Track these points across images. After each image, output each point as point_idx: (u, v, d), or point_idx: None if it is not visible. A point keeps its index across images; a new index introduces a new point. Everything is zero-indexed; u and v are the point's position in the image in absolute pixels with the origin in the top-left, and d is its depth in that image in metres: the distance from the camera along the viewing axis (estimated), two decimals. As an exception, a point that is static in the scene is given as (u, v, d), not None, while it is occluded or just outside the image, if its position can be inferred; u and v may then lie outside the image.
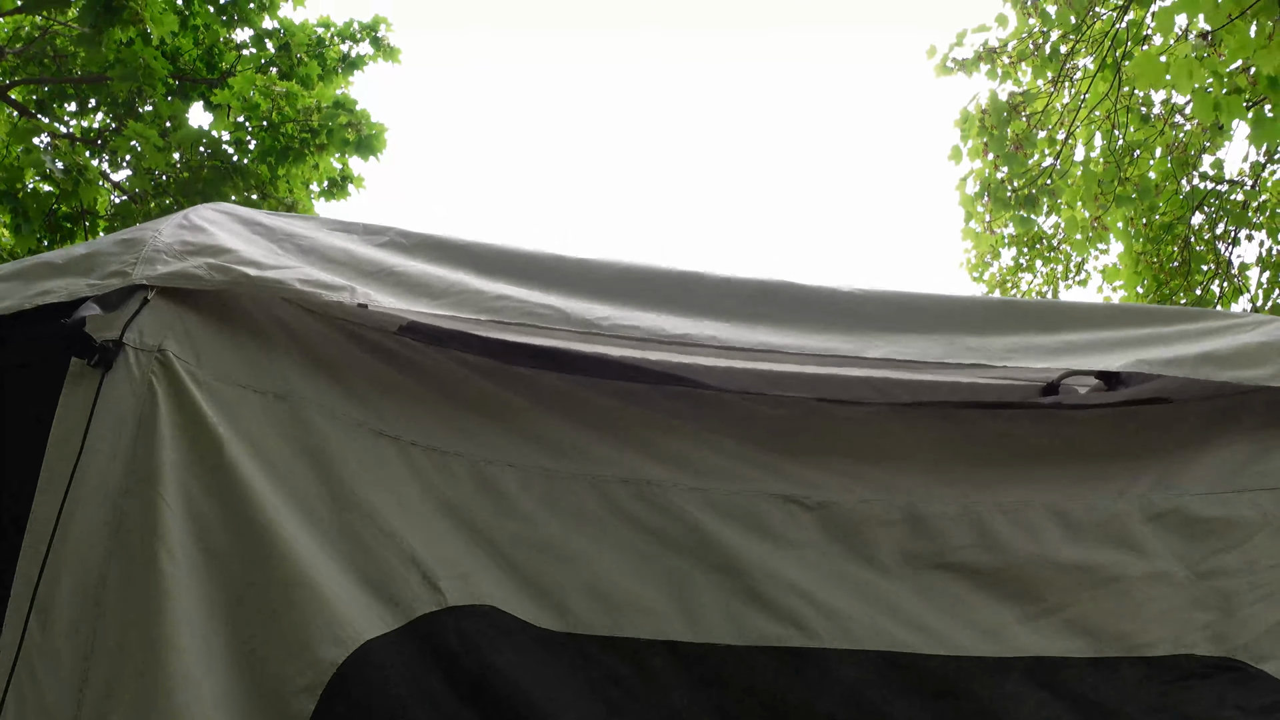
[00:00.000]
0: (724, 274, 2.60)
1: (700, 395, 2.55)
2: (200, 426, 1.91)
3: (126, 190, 10.37)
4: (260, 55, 12.26)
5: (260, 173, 10.14)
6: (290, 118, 10.19)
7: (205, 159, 10.06)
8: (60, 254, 2.22)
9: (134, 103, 11.81)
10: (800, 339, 2.41)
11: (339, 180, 11.01)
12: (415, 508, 2.00)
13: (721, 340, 2.31)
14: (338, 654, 1.72)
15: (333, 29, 12.46)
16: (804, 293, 2.56)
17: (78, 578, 1.75)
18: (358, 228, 2.60)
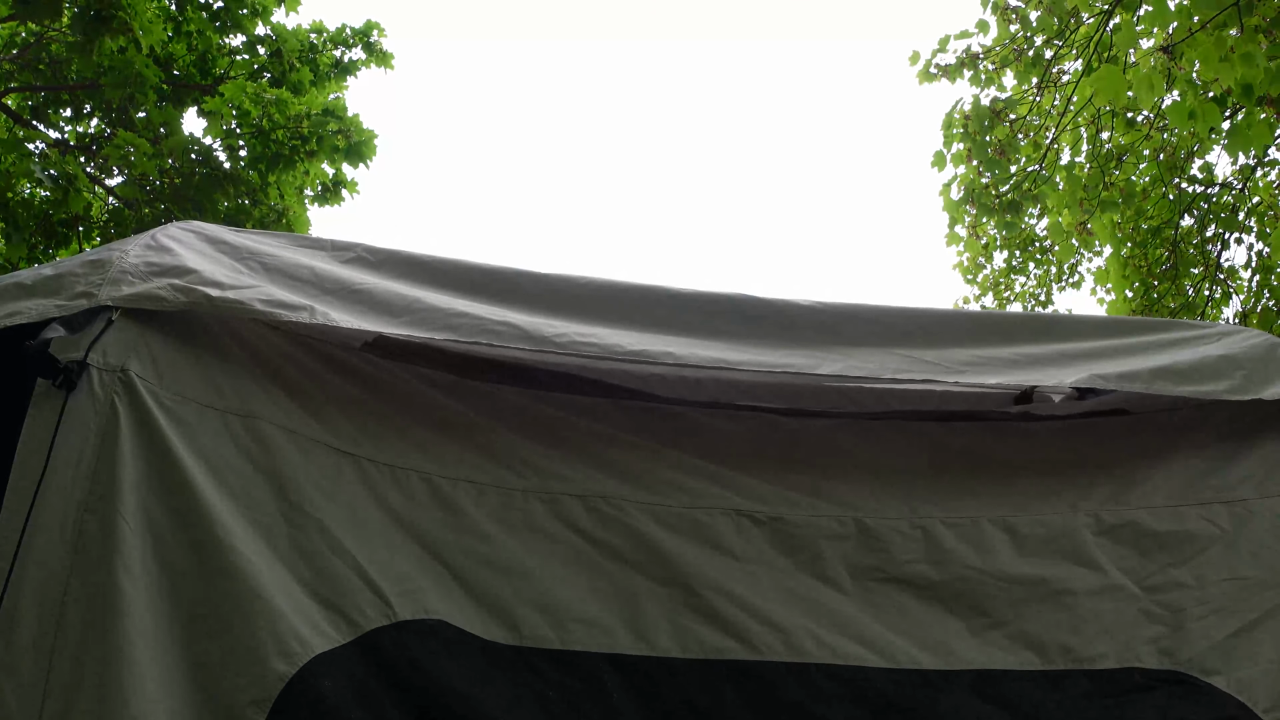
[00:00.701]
0: (681, 288, 2.64)
1: (658, 409, 2.59)
2: (160, 445, 1.96)
3: (120, 197, 10.42)
4: (253, 61, 12.30)
5: (251, 180, 10.18)
6: (280, 124, 10.22)
7: (197, 166, 10.10)
8: (29, 274, 2.26)
9: (127, 110, 11.85)
10: (756, 354, 2.45)
11: (332, 186, 11.07)
12: (369, 523, 2.05)
13: (677, 357, 2.35)
14: (287, 668, 1.78)
15: (325, 34, 12.50)
16: (761, 306, 2.60)
17: (40, 593, 1.80)
18: (326, 244, 2.65)
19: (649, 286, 2.62)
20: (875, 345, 2.59)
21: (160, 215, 10.10)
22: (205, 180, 9.84)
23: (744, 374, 2.61)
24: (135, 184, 9.31)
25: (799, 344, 2.54)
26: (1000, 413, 2.93)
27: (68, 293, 2.16)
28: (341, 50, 12.48)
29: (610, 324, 2.45)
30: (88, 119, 13.23)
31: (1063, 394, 2.98)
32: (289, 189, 10.75)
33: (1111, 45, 7.90)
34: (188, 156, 10.18)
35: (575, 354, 2.32)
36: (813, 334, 2.57)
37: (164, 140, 10.13)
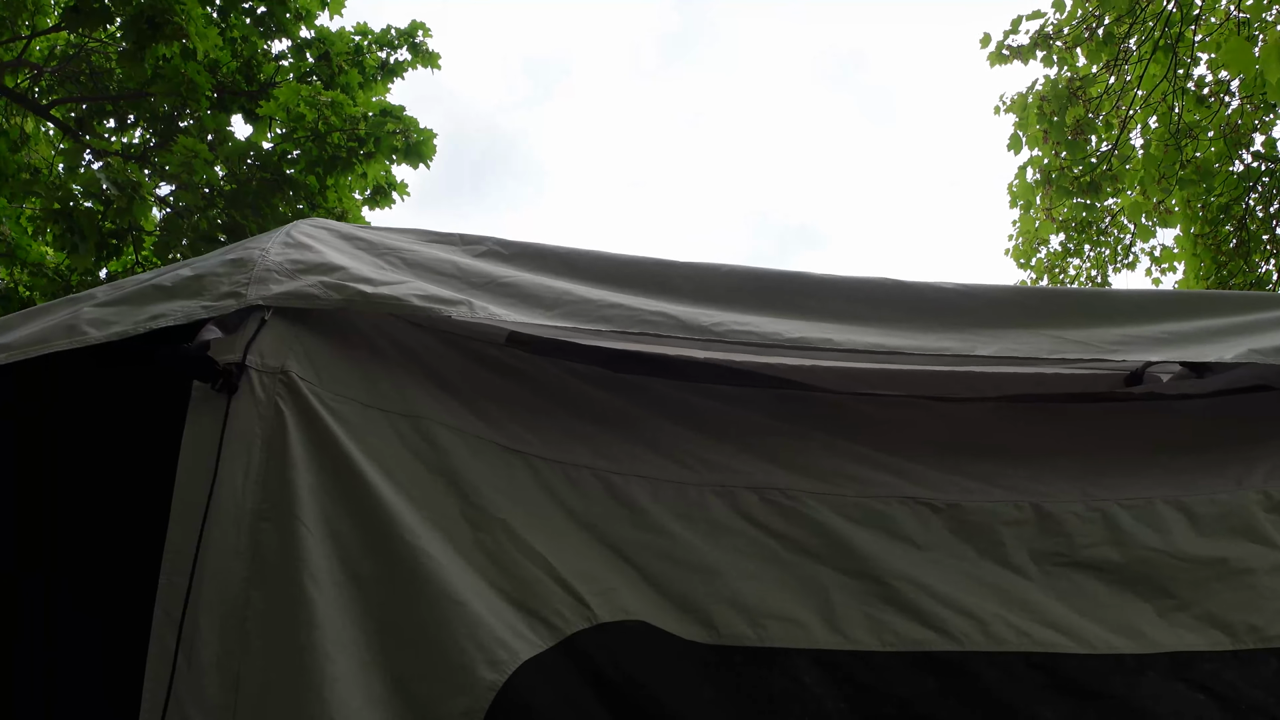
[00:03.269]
0: (828, 274, 2.54)
1: (813, 398, 2.49)
2: (332, 448, 1.86)
3: (171, 205, 10.40)
4: (300, 65, 12.26)
5: (309, 183, 10.12)
6: (337, 127, 10.16)
7: (254, 171, 10.05)
8: (168, 276, 2.18)
9: (174, 118, 11.84)
10: (913, 339, 2.36)
11: (384, 188, 11.00)
12: (551, 524, 1.96)
13: (837, 343, 2.26)
14: (496, 677, 1.68)
15: (370, 36, 12.45)
16: (907, 291, 2.51)
17: (219, 609, 1.71)
18: (455, 238, 2.56)
19: (795, 274, 2.52)
20: (1021, 326, 2.50)
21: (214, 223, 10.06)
22: (263, 185, 9.79)
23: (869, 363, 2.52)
24: (195, 191, 9.26)
25: (948, 327, 2.44)
26: (1124, 394, 2.84)
27: (212, 293, 2.07)
28: (387, 51, 12.43)
29: (760, 312, 2.35)
30: (132, 129, 13.26)
31: (1171, 374, 2.90)
32: (346, 192, 10.68)
33: (1180, 21, 7.74)
34: (243, 162, 10.14)
35: (736, 343, 2.21)
36: (959, 317, 2.47)
37: (219, 147, 10.10)
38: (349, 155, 10.14)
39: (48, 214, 8.87)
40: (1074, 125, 8.80)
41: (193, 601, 1.70)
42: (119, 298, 2.15)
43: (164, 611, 1.71)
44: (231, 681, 1.67)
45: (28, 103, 12.45)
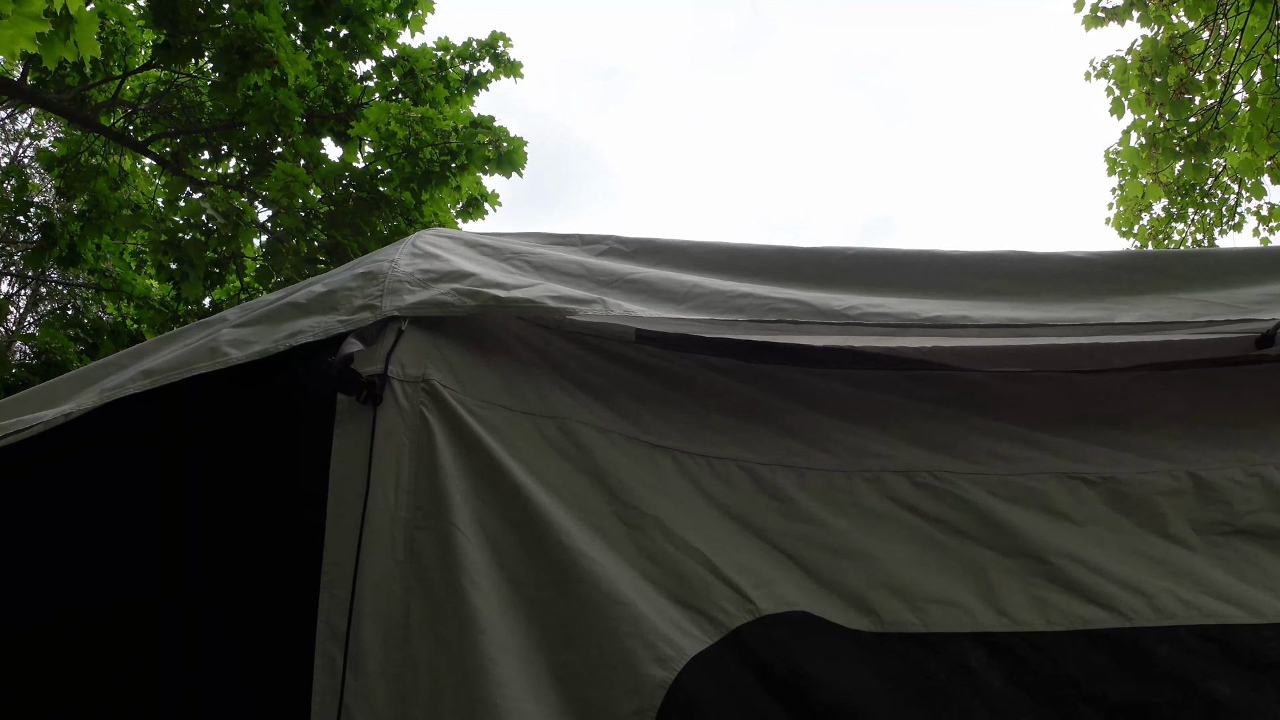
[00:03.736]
0: (954, 251, 2.49)
1: (951, 378, 2.44)
2: (481, 453, 1.86)
3: (270, 230, 10.59)
4: (385, 84, 12.42)
5: (405, 200, 10.24)
6: (428, 142, 10.26)
7: (349, 192, 10.19)
8: (301, 293, 2.20)
9: (266, 145, 12.06)
10: (1050, 311, 2.30)
11: (476, 199, 11.08)
12: (703, 518, 1.93)
13: (973, 319, 2.21)
14: (664, 674, 1.65)
15: (452, 50, 12.56)
16: (1043, 262, 2.45)
17: (381, 618, 1.72)
18: (574, 239, 2.56)
19: (922, 251, 2.47)
20: (1159, 291, 2.42)
21: (313, 245, 10.23)
22: (359, 204, 9.92)
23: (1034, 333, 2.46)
24: (294, 214, 9.43)
25: (1084, 296, 2.37)
26: (1259, 356, 2.74)
27: (347, 307, 2.08)
28: (469, 64, 12.52)
29: (891, 293, 2.30)
30: (226, 160, 13.54)
31: None
32: (441, 205, 10.79)
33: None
34: (339, 183, 10.29)
35: (871, 324, 2.17)
36: (1095, 285, 2.41)
37: (315, 170, 10.26)
38: (442, 169, 10.23)
39: (156, 246, 9.09)
40: (1177, 85, 8.55)
41: (355, 612, 1.70)
42: (255, 318, 2.18)
43: (327, 624, 1.72)
44: (398, 689, 1.68)
45: (127, 140, 12.77)
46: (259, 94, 10.14)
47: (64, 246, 12.61)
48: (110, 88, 13.14)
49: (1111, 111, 9.18)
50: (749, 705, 1.70)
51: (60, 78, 12.66)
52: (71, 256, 12.78)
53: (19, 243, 22.56)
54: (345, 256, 9.31)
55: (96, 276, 14.43)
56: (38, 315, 25.10)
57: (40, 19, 4.37)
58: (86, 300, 17.13)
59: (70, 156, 13.46)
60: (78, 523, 2.67)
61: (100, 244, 13.18)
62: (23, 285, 23.95)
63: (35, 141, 24.96)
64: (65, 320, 13.53)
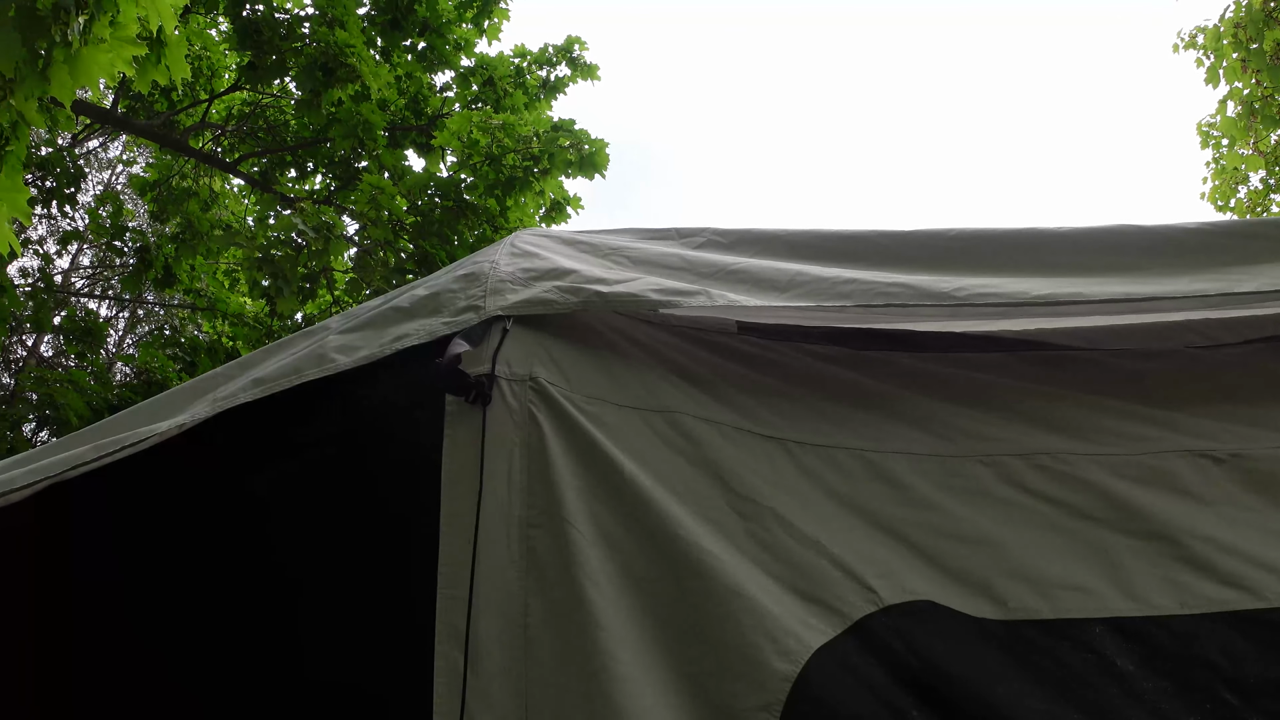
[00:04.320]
0: (1062, 226, 2.43)
1: (1063, 358, 2.37)
2: (593, 450, 1.85)
3: (358, 243, 10.72)
4: (465, 94, 12.53)
5: (489, 207, 10.31)
6: (510, 148, 10.32)
7: (434, 201, 10.29)
8: (404, 298, 2.21)
9: (350, 160, 12.23)
10: (1166, 284, 2.22)
11: (559, 203, 11.13)
12: (819, 508, 1.89)
13: (1087, 296, 2.14)
14: (789, 668, 1.62)
15: (529, 57, 12.64)
16: (1154, 235, 2.37)
17: (499, 618, 1.71)
18: (671, 232, 2.54)
19: (1028, 229, 2.41)
20: (1275, 260, 2.32)
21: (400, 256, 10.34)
22: (445, 214, 10.01)
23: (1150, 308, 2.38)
24: (384, 226, 9.55)
25: (1200, 268, 2.29)
26: None
27: (450, 309, 2.08)
28: (546, 69, 12.59)
29: (998, 273, 2.24)
30: (312, 176, 13.77)
31: None
32: (525, 211, 10.85)
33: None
34: (424, 193, 10.40)
35: (981, 305, 2.11)
36: (1210, 256, 2.32)
37: (400, 181, 10.38)
38: (525, 174, 10.29)
39: (251, 263, 9.26)
40: (1274, 49, 8.27)
41: (474, 612, 1.70)
42: (360, 324, 2.19)
43: (446, 625, 1.72)
44: (518, 688, 1.66)
45: (216, 162, 13.04)
46: (342, 109, 10.28)
47: (159, 268, 12.91)
48: (198, 111, 13.42)
49: (1206, 81, 8.92)
50: (877, 696, 1.66)
51: (149, 104, 12.97)
52: (167, 278, 13.08)
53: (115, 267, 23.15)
54: (433, 266, 9.40)
55: (191, 296, 14.76)
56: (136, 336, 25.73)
57: (136, 42, 4.46)
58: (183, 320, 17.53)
59: (162, 181, 13.79)
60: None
61: (194, 264, 13.48)
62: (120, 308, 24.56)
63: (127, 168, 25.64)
64: (163, 340, 13.82)
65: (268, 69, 10.31)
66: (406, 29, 11.89)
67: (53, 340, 21.72)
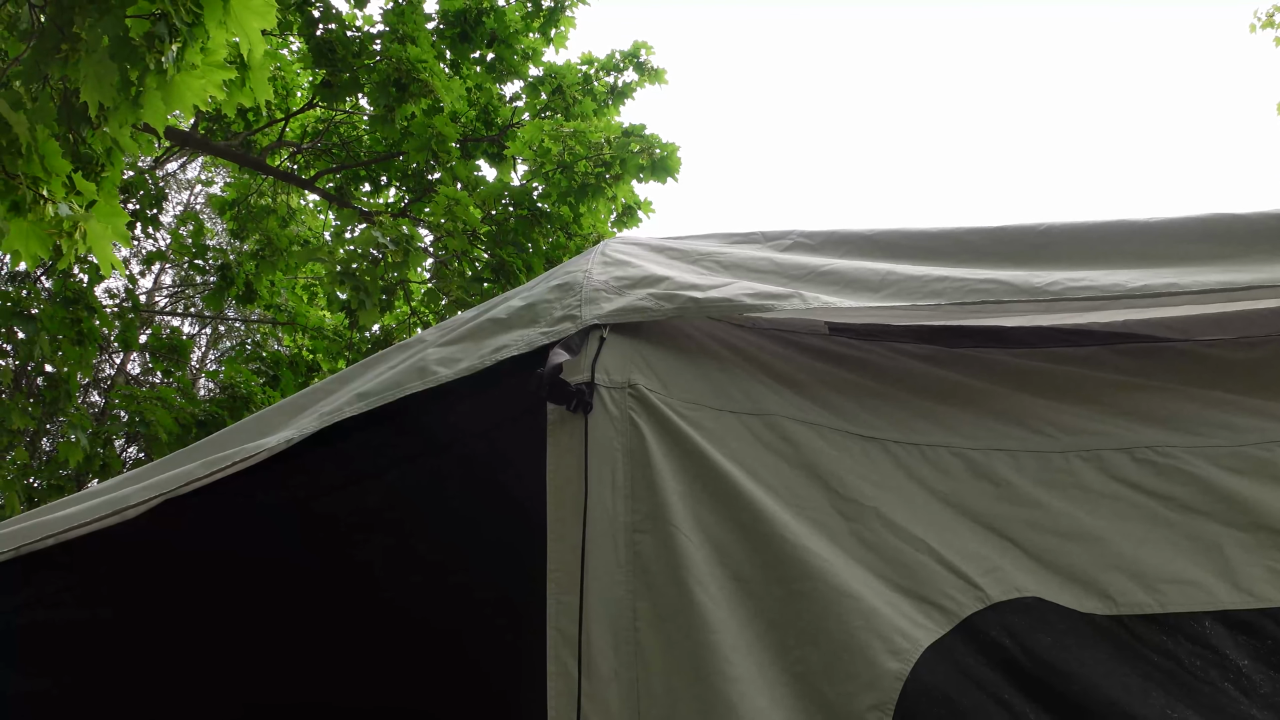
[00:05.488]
0: (1150, 218, 2.40)
1: (1158, 349, 2.35)
2: (695, 454, 1.87)
3: (435, 253, 10.84)
4: (534, 103, 12.61)
5: (563, 214, 10.38)
6: (582, 155, 10.37)
7: (508, 211, 10.38)
8: (499, 309, 2.25)
9: (423, 173, 12.37)
10: (1262, 272, 2.19)
11: (631, 207, 11.16)
12: (921, 507, 1.90)
13: (1182, 286, 2.11)
14: (900, 666, 1.62)
15: (596, 64, 12.69)
16: (1247, 222, 2.33)
17: (608, 622, 1.73)
18: (758, 236, 2.56)
19: (1115, 222, 2.39)
20: None
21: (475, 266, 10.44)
22: (520, 222, 10.10)
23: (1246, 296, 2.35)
24: (460, 236, 9.65)
25: None
26: None
27: (548, 319, 2.12)
28: (614, 75, 12.63)
29: (1090, 265, 2.23)
30: (385, 190, 13.95)
31: None
32: (599, 217, 10.90)
33: None
34: (497, 202, 10.48)
35: (1076, 300, 2.10)
36: None
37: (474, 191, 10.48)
38: (598, 181, 10.33)
39: (332, 277, 9.41)
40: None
41: (584, 617, 1.73)
42: (458, 335, 2.23)
43: (557, 630, 1.75)
44: (630, 691, 1.69)
45: (296, 179, 13.26)
46: (415, 123, 10.40)
47: (241, 285, 13.16)
48: (273, 131, 13.66)
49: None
50: (989, 693, 1.66)
51: (227, 125, 13.22)
52: (248, 294, 13.33)
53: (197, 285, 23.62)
54: (510, 274, 9.50)
55: (272, 311, 15.01)
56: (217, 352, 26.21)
57: (225, 67, 4.57)
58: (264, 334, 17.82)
59: (240, 199, 14.04)
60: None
61: (274, 280, 13.72)
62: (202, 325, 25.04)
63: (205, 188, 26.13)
64: (246, 355, 14.07)
65: (342, 86, 10.48)
66: (475, 41, 12.01)
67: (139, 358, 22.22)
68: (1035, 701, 1.65)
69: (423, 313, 11.64)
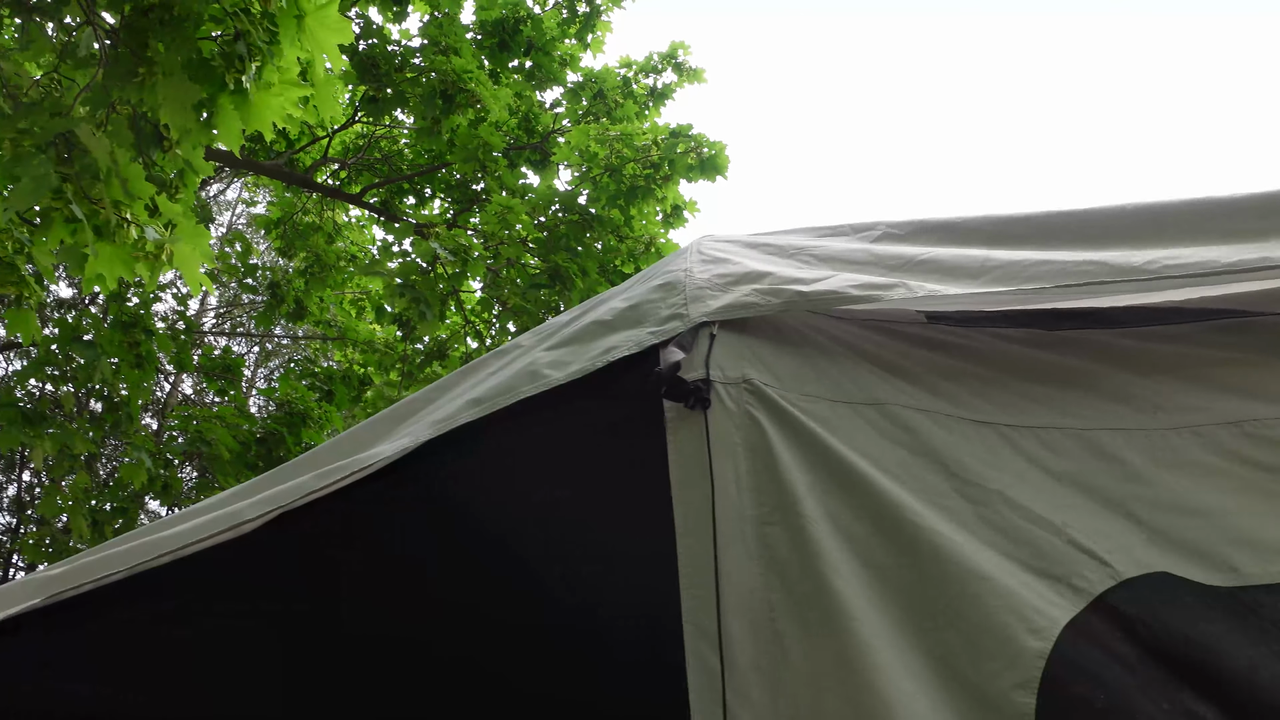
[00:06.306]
0: (1235, 194, 2.41)
1: (1255, 323, 2.35)
2: (816, 445, 1.90)
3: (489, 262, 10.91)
4: (575, 108, 12.68)
5: (614, 217, 10.43)
6: (630, 158, 10.43)
7: (559, 216, 10.44)
8: (602, 310, 2.28)
9: (468, 183, 12.47)
10: None
11: (678, 208, 11.18)
12: (1042, 488, 1.91)
13: (1274, 260, 2.12)
14: (1041, 644, 1.65)
15: (634, 66, 12.74)
16: None
17: (745, 614, 1.77)
18: (845, 229, 2.57)
19: (1202, 200, 2.39)
20: None
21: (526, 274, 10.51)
22: (571, 227, 10.16)
23: None
24: (515, 244, 9.73)
25: None
26: None
27: (655, 318, 2.15)
28: (653, 77, 12.68)
29: (1182, 243, 2.24)
30: (430, 201, 14.06)
31: None
32: (651, 218, 10.95)
33: None
34: (547, 208, 10.55)
35: (1173, 278, 2.11)
36: None
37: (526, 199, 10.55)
38: (647, 182, 10.37)
39: (391, 290, 9.51)
40: None
41: (721, 611, 1.76)
42: (564, 339, 2.27)
43: (694, 625, 1.78)
44: (772, 683, 1.72)
45: (344, 195, 13.40)
46: (459, 134, 10.49)
47: (291, 302, 13.31)
48: (316, 148, 13.80)
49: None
50: (1129, 668, 1.68)
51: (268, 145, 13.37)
52: (298, 311, 13.49)
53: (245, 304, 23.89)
54: (566, 279, 9.55)
55: (322, 327, 15.16)
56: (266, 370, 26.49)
57: (300, 84, 4.63)
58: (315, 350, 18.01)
59: (285, 218, 14.20)
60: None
61: (323, 296, 13.86)
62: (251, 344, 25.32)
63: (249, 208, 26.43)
64: (300, 372, 14.23)
65: (387, 101, 10.58)
66: (513, 50, 12.09)
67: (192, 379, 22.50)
68: (1174, 674, 1.67)
69: (475, 321, 11.73)
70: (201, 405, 16.73)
